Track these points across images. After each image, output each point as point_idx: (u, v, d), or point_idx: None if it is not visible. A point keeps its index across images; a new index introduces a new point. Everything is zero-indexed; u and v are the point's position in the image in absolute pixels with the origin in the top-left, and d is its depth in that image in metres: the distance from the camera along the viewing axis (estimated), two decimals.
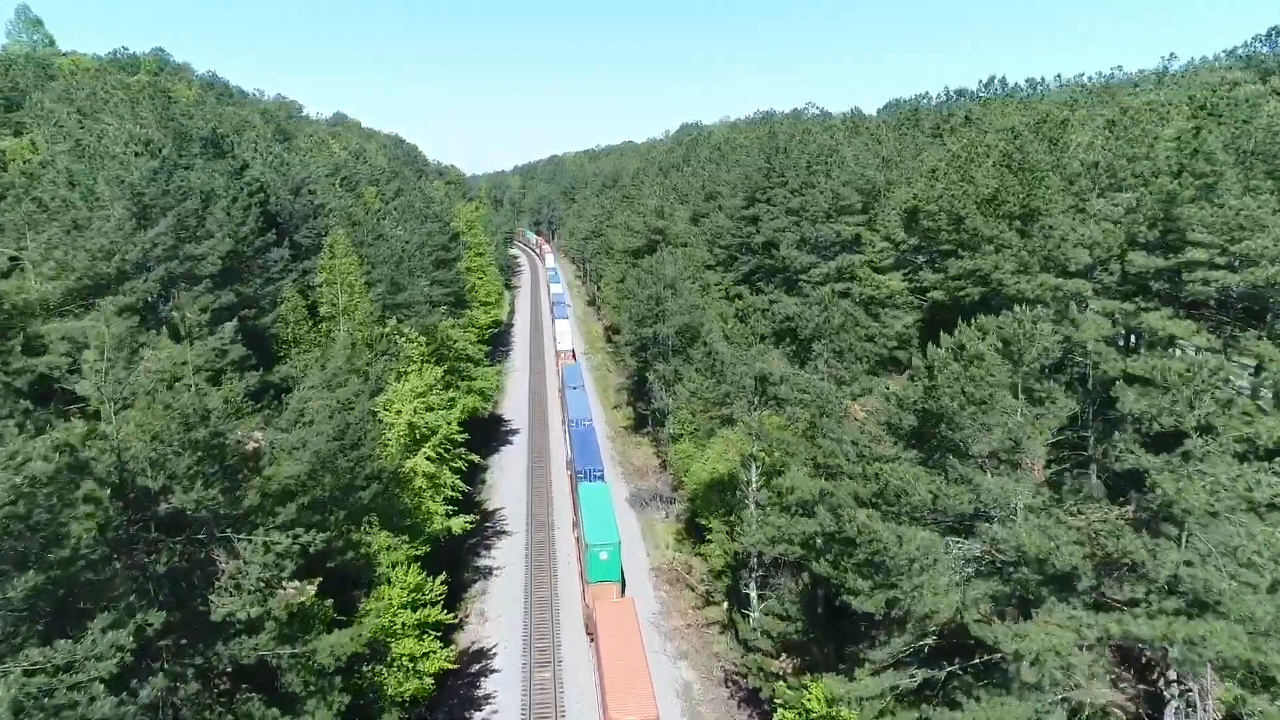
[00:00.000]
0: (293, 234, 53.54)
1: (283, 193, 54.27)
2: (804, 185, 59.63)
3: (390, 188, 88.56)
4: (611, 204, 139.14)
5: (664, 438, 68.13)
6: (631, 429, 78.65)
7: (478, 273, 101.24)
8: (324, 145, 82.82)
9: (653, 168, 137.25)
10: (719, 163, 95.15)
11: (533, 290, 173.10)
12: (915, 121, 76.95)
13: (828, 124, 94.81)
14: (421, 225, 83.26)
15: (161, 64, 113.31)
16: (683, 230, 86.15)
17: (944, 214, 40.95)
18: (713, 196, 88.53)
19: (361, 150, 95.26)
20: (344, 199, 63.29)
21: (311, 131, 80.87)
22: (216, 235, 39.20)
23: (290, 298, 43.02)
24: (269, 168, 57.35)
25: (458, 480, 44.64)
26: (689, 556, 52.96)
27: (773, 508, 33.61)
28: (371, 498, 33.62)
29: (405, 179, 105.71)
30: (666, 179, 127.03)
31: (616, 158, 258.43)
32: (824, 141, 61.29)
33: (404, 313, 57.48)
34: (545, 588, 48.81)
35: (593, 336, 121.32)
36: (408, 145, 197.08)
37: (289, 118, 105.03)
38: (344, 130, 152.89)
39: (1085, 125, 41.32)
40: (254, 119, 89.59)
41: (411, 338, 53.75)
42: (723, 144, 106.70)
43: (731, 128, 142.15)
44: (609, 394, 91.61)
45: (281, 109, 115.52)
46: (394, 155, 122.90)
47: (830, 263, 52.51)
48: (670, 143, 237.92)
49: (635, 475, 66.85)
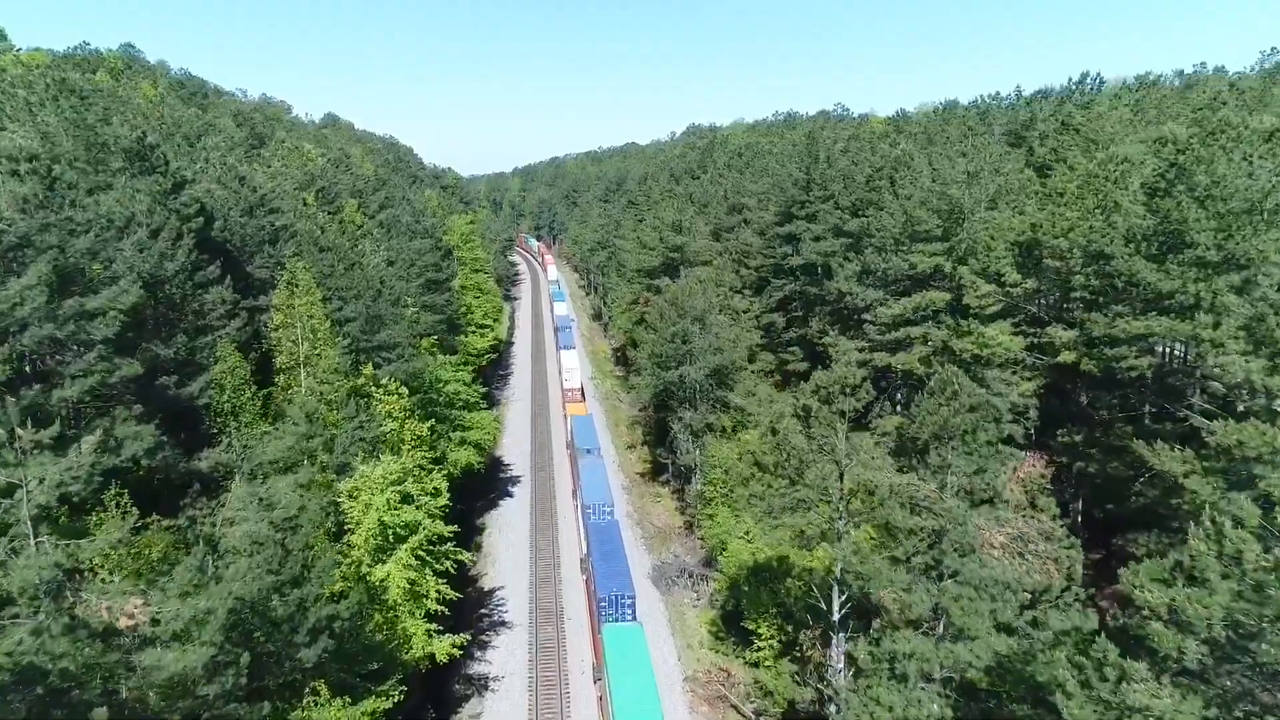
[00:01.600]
0: (245, 265, 43.94)
1: (234, 214, 44.68)
2: (863, 202, 50.04)
3: (376, 199, 78.99)
4: (619, 213, 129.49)
5: (689, 495, 58.53)
6: (649, 475, 69.07)
7: (473, 291, 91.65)
8: (297, 152, 73.20)
9: (663, 173, 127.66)
10: (742, 170, 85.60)
11: (534, 301, 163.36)
12: (979, 126, 67.33)
13: (866, 127, 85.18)
14: (410, 242, 73.81)
15: (128, 61, 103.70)
16: (703, 247, 76.62)
17: (1078, 251, 31.45)
18: (738, 209, 79.01)
19: (345, 157, 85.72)
20: (316, 216, 53.71)
21: (285, 137, 71.05)
22: (124, 280, 29.59)
23: (226, 356, 33.43)
24: (222, 182, 47.78)
25: (444, 586, 35.03)
26: (728, 661, 43.37)
27: (877, 672, 24.00)
28: (319, 657, 24.10)
29: (395, 187, 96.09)
30: (678, 185, 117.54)
31: (620, 160, 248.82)
32: (886, 151, 51.75)
33: (383, 356, 47.94)
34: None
35: (600, 357, 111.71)
36: (402, 148, 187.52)
37: (267, 120, 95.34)
38: (331, 133, 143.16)
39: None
40: (223, 123, 79.90)
41: (391, 388, 44.24)
42: (743, 149, 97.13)
43: (750, 130, 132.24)
44: (620, 428, 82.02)
45: (259, 111, 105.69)
46: (385, 160, 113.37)
47: (902, 301, 42.99)
48: (678, 144, 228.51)
49: (657, 540, 57.24)
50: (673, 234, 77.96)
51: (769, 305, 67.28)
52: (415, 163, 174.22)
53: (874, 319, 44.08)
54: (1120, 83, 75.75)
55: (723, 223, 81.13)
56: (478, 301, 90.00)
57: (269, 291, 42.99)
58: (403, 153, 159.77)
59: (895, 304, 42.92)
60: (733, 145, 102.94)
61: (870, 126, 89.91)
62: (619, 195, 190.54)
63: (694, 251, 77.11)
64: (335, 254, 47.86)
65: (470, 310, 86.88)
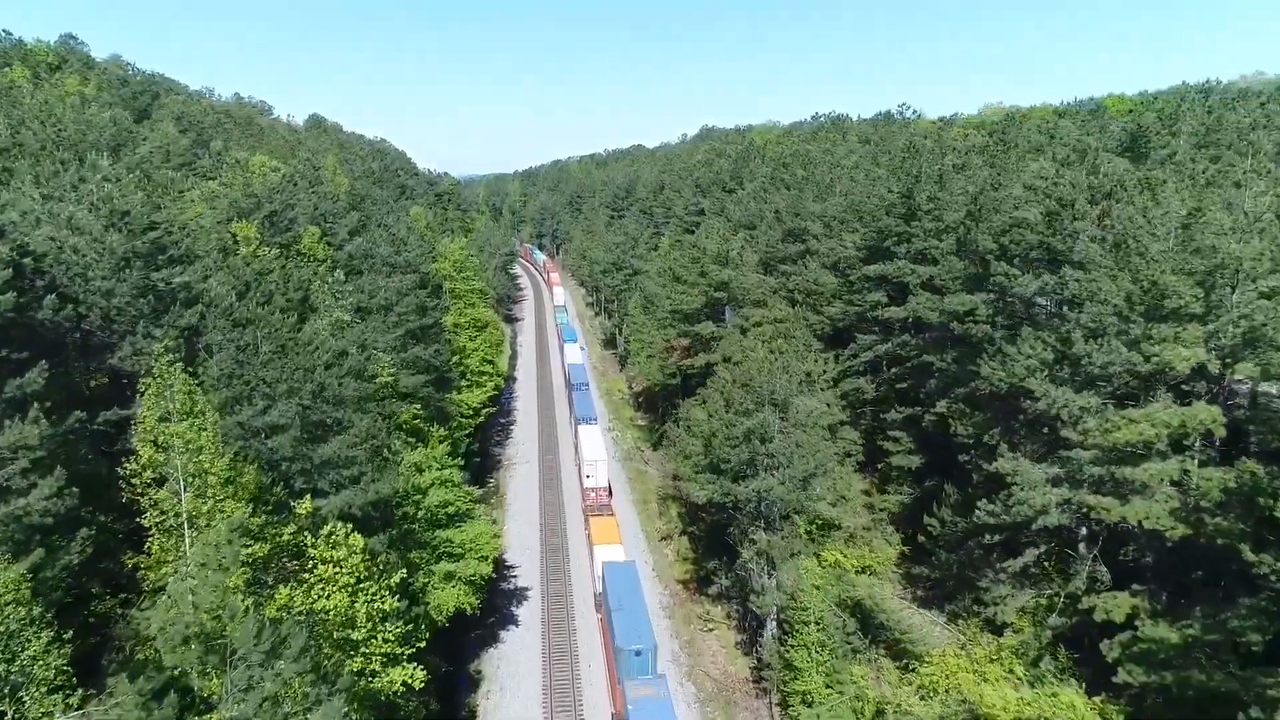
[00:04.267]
0: (108, 355, 28.46)
1: (96, 272, 29.23)
2: (1049, 252, 34.60)
3: (347, 222, 63.38)
4: (636, 227, 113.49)
5: (761, 642, 42.82)
6: (693, 584, 53.43)
7: (468, 329, 76.05)
8: (239, 168, 57.60)
9: (685, 183, 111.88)
10: (798, 186, 69.94)
11: (537, 319, 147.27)
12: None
13: (954, 132, 69.26)
14: (388, 279, 58.36)
15: (63, 55, 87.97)
16: (754, 283, 61.20)
17: None
18: (797, 236, 63.48)
19: (312, 169, 70.10)
20: (241, 265, 38.19)
21: (221, 147, 54.95)
22: None
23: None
24: (99, 212, 32.29)
25: None
26: None
27: None
28: None
29: (377, 204, 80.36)
30: (704, 197, 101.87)
31: (628, 164, 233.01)
32: (1048, 173, 36.50)
33: (332, 476, 32.41)
34: None
35: (617, 399, 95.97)
36: (393, 153, 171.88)
37: (220, 124, 79.59)
38: (312, 137, 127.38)
39: None
40: (162, 128, 64.28)
41: (337, 540, 28.84)
42: (788, 157, 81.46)
43: (785, 134, 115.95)
44: (648, 506, 66.45)
45: (211, 113, 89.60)
46: (368, 170, 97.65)
47: (1130, 413, 27.55)
48: (688, 147, 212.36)
49: (718, 702, 41.75)
50: (717, 266, 62.51)
51: (849, 366, 51.80)
52: (408, 168, 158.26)
53: (1077, 435, 28.62)
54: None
55: (776, 251, 65.66)
56: (474, 343, 74.41)
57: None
58: (392, 159, 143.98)
59: (1118, 418, 27.47)
60: (774, 153, 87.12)
61: (957, 131, 74.26)
62: (629, 203, 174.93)
63: (743, 289, 61.72)
64: (261, 327, 32.33)
65: (465, 355, 71.32)
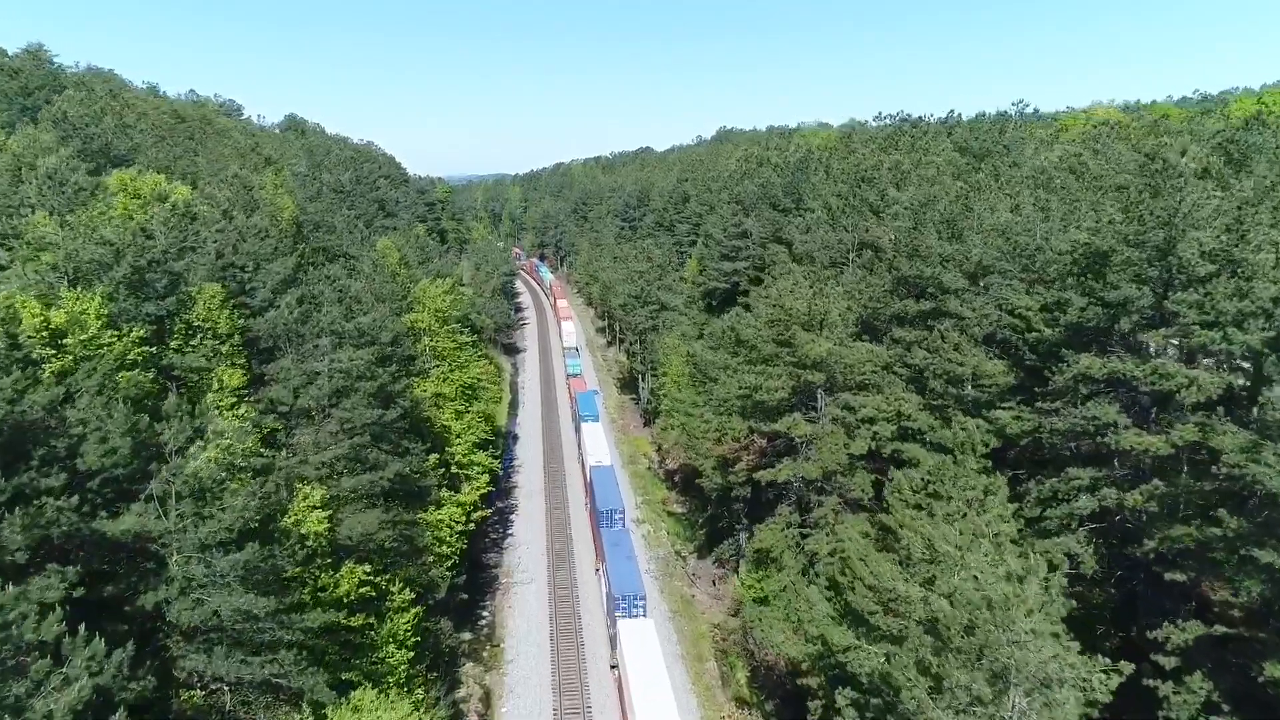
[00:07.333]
0: None
1: None
2: None
3: (278, 269, 44.30)
4: (663, 252, 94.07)
5: None
6: None
7: (456, 400, 57.17)
8: (111, 200, 38.59)
9: (720, 198, 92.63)
10: (903, 215, 50.76)
11: (541, 345, 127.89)
12: None
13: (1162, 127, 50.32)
14: (331, 354, 39.72)
15: None
16: (865, 357, 42.47)
17: None
18: (919, 289, 44.61)
19: (244, 189, 51.27)
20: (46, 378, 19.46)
21: (52, 167, 36.85)
22: None
23: None
24: None
25: None
26: None
27: None
28: None
29: (331, 232, 61.33)
30: (748, 218, 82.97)
31: (637, 168, 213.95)
32: None
33: None
34: None
35: (641, 469, 76.84)
36: (379, 157, 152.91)
37: (138, 127, 60.91)
38: (275, 140, 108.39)
39: None
40: (15, 137, 45.51)
41: None
42: (869, 170, 62.43)
43: (844, 139, 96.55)
44: (702, 665, 47.56)
45: (146, 115, 70.98)
46: (335, 182, 78.87)
47: None
48: (708, 149, 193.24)
49: None
50: (806, 334, 43.59)
51: (1038, 525, 32.47)
52: (394, 175, 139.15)
53: None
54: None
55: (881, 307, 46.85)
56: (462, 422, 55.49)
57: None
58: (375, 165, 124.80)
59: None
60: (847, 165, 67.98)
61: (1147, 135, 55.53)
62: (642, 213, 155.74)
63: (846, 365, 42.94)
64: None
65: (450, 442, 52.44)
